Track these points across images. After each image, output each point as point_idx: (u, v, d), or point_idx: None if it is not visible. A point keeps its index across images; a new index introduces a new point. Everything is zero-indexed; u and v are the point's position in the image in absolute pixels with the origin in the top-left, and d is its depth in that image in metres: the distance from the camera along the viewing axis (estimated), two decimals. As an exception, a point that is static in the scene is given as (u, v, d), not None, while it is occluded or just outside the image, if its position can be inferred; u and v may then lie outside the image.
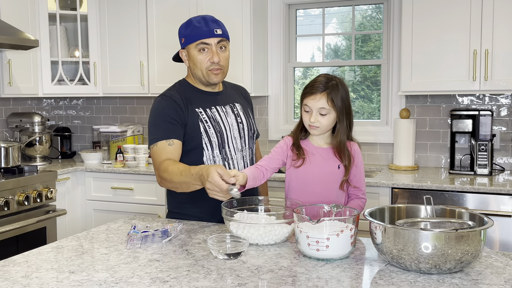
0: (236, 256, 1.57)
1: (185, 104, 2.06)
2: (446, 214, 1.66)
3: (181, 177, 1.89)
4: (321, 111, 1.90)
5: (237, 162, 2.12)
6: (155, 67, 3.89)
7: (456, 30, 3.17)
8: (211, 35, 2.03)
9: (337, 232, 1.54)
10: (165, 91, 2.13)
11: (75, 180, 3.76)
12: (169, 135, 2.00)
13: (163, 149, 2.00)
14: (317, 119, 1.90)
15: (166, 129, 2.01)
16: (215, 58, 2.04)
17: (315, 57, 4.06)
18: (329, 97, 1.88)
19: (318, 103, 1.89)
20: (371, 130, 3.75)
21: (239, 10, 3.61)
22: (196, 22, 2.06)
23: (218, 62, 2.05)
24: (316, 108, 1.90)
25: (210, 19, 2.07)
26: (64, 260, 1.58)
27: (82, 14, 3.96)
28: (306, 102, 1.92)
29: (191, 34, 2.05)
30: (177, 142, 2.02)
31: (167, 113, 2.03)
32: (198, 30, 2.03)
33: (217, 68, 2.06)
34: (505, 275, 1.42)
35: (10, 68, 3.53)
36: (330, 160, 1.97)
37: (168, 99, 2.06)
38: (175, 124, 2.02)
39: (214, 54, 2.04)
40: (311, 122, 1.91)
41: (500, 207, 2.83)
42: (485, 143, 3.25)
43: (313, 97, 1.90)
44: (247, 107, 2.27)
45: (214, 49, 2.04)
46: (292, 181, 2.02)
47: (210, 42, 2.04)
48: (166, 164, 1.96)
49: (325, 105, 1.89)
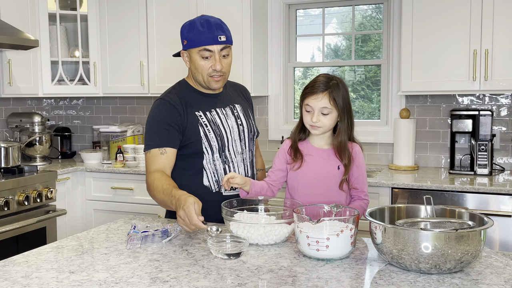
0: (236, 256, 1.57)
1: (184, 108, 2.04)
2: (446, 214, 1.66)
3: (161, 196, 1.91)
4: (323, 110, 1.90)
5: (237, 165, 2.11)
6: (155, 67, 3.89)
7: (456, 30, 3.17)
8: (215, 42, 1.98)
9: (337, 232, 1.53)
10: (164, 94, 2.10)
11: (75, 180, 3.76)
12: (163, 143, 2.00)
13: (155, 158, 2.00)
14: (319, 119, 1.90)
15: (161, 137, 2.00)
16: (217, 66, 2.00)
17: (315, 57, 4.06)
18: (331, 96, 1.89)
19: (320, 102, 1.89)
20: (371, 130, 3.75)
21: (239, 10, 3.61)
22: (200, 26, 1.99)
23: (220, 70, 2.01)
24: (318, 107, 1.90)
25: (214, 23, 2.00)
26: (64, 260, 1.58)
27: (82, 14, 3.96)
28: (308, 102, 1.92)
29: (194, 38, 1.99)
30: (170, 150, 2.01)
31: (164, 119, 2.01)
32: (202, 36, 1.97)
33: (219, 75, 2.03)
34: (505, 275, 1.42)
35: (10, 68, 3.53)
36: (330, 161, 1.97)
37: (166, 104, 2.04)
38: (171, 130, 2.01)
39: (216, 62, 1.99)
40: (313, 122, 1.91)
41: (500, 207, 2.83)
42: (485, 143, 3.25)
43: (315, 97, 1.90)
44: (247, 108, 2.25)
45: (217, 57, 2.00)
46: (292, 182, 2.03)
47: (213, 49, 1.99)
48: (153, 177, 1.98)
49: (327, 105, 1.89)
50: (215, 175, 2.07)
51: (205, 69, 2.02)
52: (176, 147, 2.03)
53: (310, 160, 1.98)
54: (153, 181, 1.96)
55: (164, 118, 2.02)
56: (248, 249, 1.66)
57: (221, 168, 2.07)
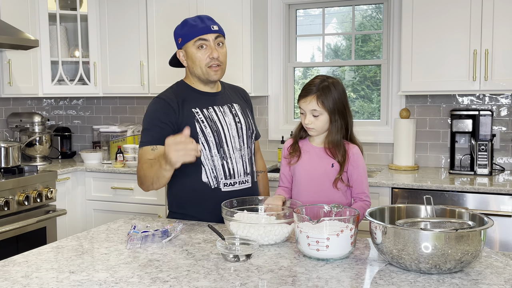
0: (247, 258, 1.56)
1: (180, 105, 2.05)
2: (446, 214, 1.66)
3: (150, 168, 1.93)
4: (313, 112, 1.98)
5: (236, 161, 2.12)
6: (155, 67, 3.89)
7: (456, 30, 3.17)
8: (209, 31, 2.05)
9: (337, 232, 1.54)
10: (161, 93, 2.14)
11: (75, 180, 3.76)
12: (155, 141, 2.01)
13: (145, 154, 2.02)
14: (311, 121, 1.98)
15: (154, 134, 2.02)
16: (214, 53, 2.05)
17: (315, 57, 4.06)
18: (319, 99, 1.95)
19: (309, 105, 1.97)
20: (371, 130, 3.75)
21: (239, 10, 3.61)
22: (191, 21, 2.08)
23: (217, 58, 2.06)
24: (308, 110, 1.98)
25: (205, 17, 2.10)
26: (64, 260, 1.58)
27: (82, 14, 3.96)
28: (300, 105, 2.02)
29: (188, 32, 2.06)
30: (161, 148, 2.01)
31: (157, 116, 2.04)
32: (195, 28, 2.05)
33: (217, 65, 2.07)
34: (505, 275, 1.42)
35: (10, 68, 3.53)
36: (324, 159, 2.02)
37: (161, 101, 2.07)
38: (164, 128, 2.02)
39: (213, 50, 2.05)
40: (305, 124, 2.00)
41: (500, 207, 2.83)
42: (485, 143, 3.25)
43: (304, 100, 1.98)
44: (246, 108, 2.26)
45: (213, 45, 2.05)
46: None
47: (208, 38, 2.05)
48: (141, 167, 2.00)
49: (316, 107, 1.96)
50: (214, 171, 2.07)
51: (203, 60, 2.06)
52: None
53: (306, 156, 2.05)
54: (141, 169, 2.00)
55: (158, 115, 2.04)
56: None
57: (219, 164, 2.08)
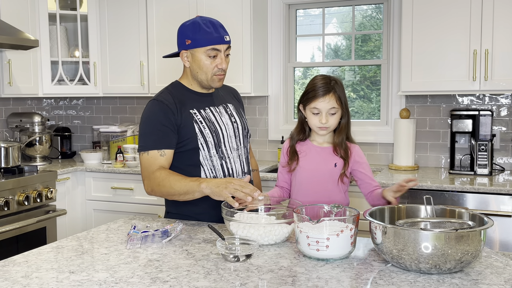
0: (247, 258, 1.57)
1: (178, 107, 2.05)
2: (446, 214, 1.66)
3: (180, 183, 1.95)
4: (331, 111, 1.97)
5: (234, 161, 2.13)
6: (155, 67, 3.89)
7: (456, 30, 3.17)
8: (222, 42, 2.04)
9: (337, 232, 1.54)
10: (157, 94, 2.12)
11: (75, 180, 3.76)
12: (160, 145, 2.01)
13: (155, 159, 2.01)
14: (327, 120, 1.98)
15: (158, 138, 2.01)
16: (224, 65, 2.06)
17: (315, 57, 4.06)
18: (337, 96, 1.97)
19: (328, 104, 1.96)
20: (371, 130, 3.75)
21: (239, 10, 3.61)
22: (205, 26, 2.03)
23: (225, 69, 2.08)
24: (326, 109, 1.96)
25: (218, 24, 2.07)
26: (64, 260, 1.58)
27: (82, 14, 3.96)
28: (315, 105, 1.97)
29: (202, 38, 2.02)
30: (168, 152, 2.03)
31: (157, 119, 2.02)
32: (210, 36, 2.02)
33: (222, 74, 2.09)
34: (505, 275, 1.42)
35: (10, 68, 3.53)
36: (328, 158, 2.02)
37: (159, 104, 2.05)
38: (166, 131, 2.02)
39: (223, 61, 2.05)
40: (322, 124, 1.97)
41: (500, 207, 2.83)
42: (485, 143, 3.25)
43: (322, 99, 1.96)
44: (239, 107, 2.28)
45: (223, 56, 2.06)
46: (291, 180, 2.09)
47: (220, 49, 2.04)
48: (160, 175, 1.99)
49: (335, 105, 1.97)
50: (213, 171, 2.07)
51: (210, 68, 2.06)
52: (173, 148, 2.04)
53: (308, 158, 2.04)
54: (163, 179, 1.97)
55: (158, 118, 2.03)
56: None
57: (218, 164, 2.08)
